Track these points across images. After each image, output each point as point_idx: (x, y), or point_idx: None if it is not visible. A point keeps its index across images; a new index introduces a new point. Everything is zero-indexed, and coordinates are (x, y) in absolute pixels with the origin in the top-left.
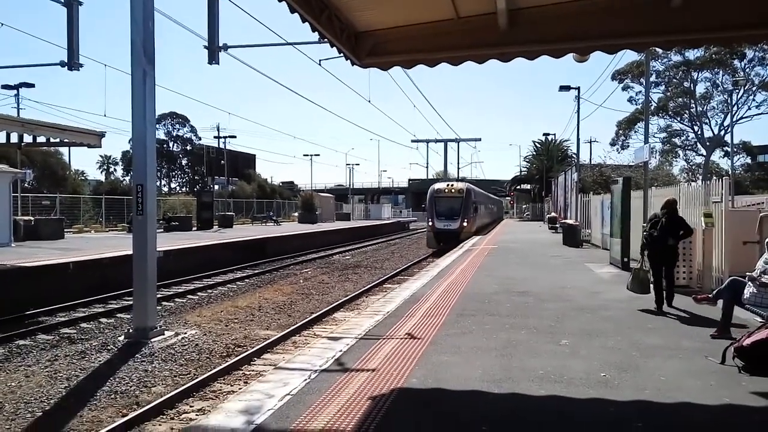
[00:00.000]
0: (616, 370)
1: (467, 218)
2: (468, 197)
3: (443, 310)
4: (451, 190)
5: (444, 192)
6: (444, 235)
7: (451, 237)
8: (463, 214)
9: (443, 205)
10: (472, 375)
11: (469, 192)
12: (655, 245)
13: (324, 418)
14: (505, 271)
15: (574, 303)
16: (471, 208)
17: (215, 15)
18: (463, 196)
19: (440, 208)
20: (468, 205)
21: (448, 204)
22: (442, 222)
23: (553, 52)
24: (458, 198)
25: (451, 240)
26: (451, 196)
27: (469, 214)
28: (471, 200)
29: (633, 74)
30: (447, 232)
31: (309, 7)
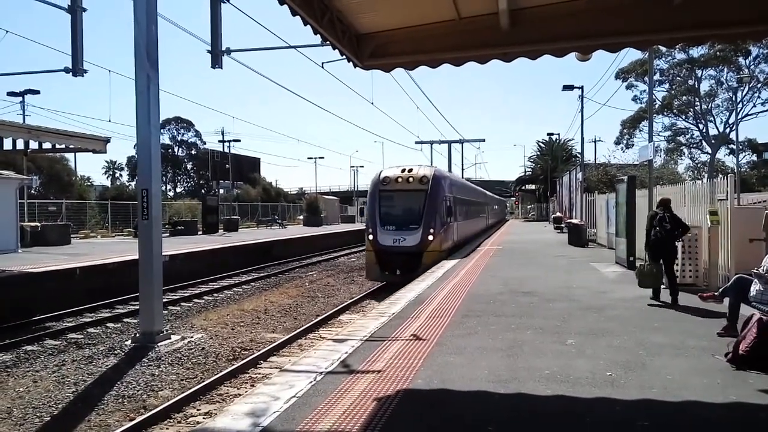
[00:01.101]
0: (623, 370)
1: (436, 227)
2: (437, 190)
3: (448, 311)
4: (408, 180)
5: (395, 183)
6: (394, 258)
7: (409, 261)
8: (427, 219)
9: (394, 206)
10: (478, 375)
11: (438, 182)
12: (657, 243)
13: (329, 420)
14: (510, 272)
15: (580, 303)
16: (443, 210)
17: (218, 19)
18: (427, 188)
19: (388, 210)
20: (437, 205)
21: (402, 203)
22: (390, 234)
23: (556, 52)
24: (419, 193)
25: (409, 265)
26: (407, 189)
27: (440, 219)
28: (442, 195)
29: (637, 73)
30: (399, 252)
31: (311, 10)
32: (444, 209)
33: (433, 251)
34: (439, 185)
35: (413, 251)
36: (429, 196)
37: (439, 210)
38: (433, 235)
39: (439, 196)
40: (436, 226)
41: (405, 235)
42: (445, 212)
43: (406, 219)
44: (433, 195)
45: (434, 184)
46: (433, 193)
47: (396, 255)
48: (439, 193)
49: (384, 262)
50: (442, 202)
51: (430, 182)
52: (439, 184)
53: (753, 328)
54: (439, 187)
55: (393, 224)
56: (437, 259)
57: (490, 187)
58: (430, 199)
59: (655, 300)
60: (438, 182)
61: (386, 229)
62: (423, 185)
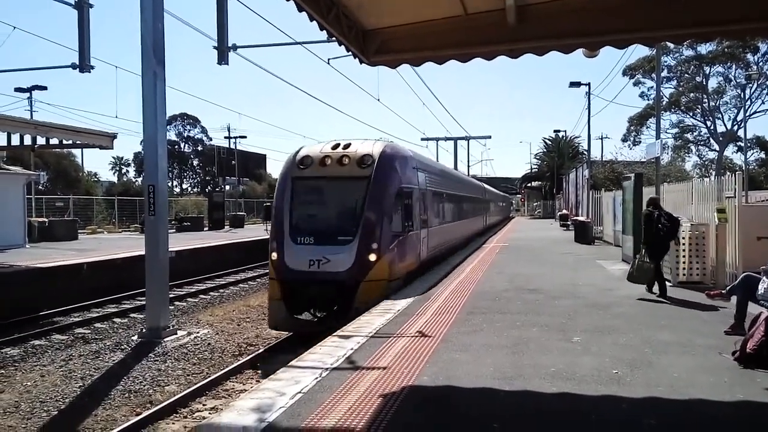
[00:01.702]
0: (629, 367)
1: (383, 239)
2: (387, 178)
3: (454, 308)
4: (340, 161)
5: (319, 166)
6: (312, 291)
7: (334, 296)
8: (368, 225)
9: (316, 204)
10: (483, 372)
11: (390, 165)
12: (659, 242)
13: (335, 416)
14: (516, 269)
15: (586, 300)
16: (398, 210)
17: (224, 15)
18: (370, 175)
19: (305, 211)
20: (386, 202)
21: (329, 199)
22: (305, 252)
23: (563, 48)
24: (358, 182)
25: (335, 303)
26: (338, 176)
27: (390, 225)
28: (397, 187)
29: (644, 69)
30: (320, 281)
31: (317, 6)
32: (401, 209)
33: (377, 281)
34: (391, 171)
35: (341, 280)
36: (373, 188)
37: (391, 210)
38: (377, 254)
39: (390, 188)
40: (382, 237)
41: (330, 253)
42: (402, 214)
43: (334, 226)
44: (381, 186)
45: (383, 169)
46: (381, 182)
47: (315, 287)
48: (391, 182)
49: (295, 297)
50: (398, 199)
51: (376, 165)
52: (391, 170)
53: (761, 326)
54: (391, 173)
55: (311, 234)
56: (383, 294)
57: (495, 184)
58: (374, 191)
59: (650, 293)
60: (390, 165)
61: (300, 244)
62: (364, 170)
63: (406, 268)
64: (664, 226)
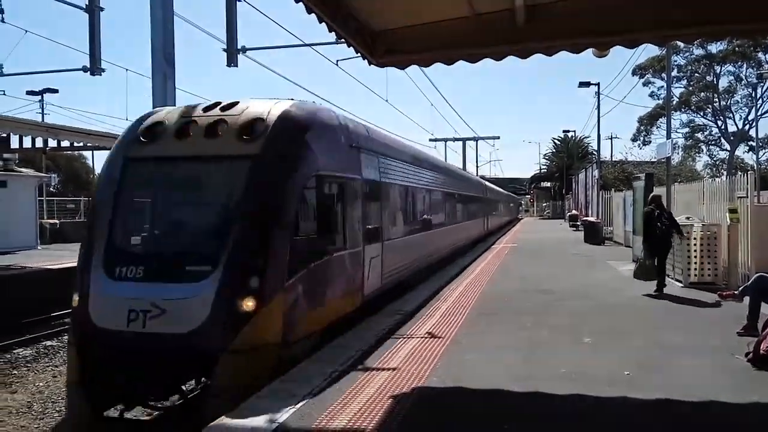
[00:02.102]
0: (641, 369)
1: (275, 266)
2: (289, 159)
3: (463, 309)
4: (211, 133)
5: (175, 139)
6: (133, 369)
7: (174, 374)
8: (239, 244)
9: (158, 207)
10: (494, 373)
11: (294, 134)
12: (660, 239)
13: (345, 417)
14: (525, 270)
15: (597, 301)
16: (312, 213)
17: (233, 18)
18: (256, 153)
19: (137, 221)
20: (282, 198)
21: (183, 198)
22: (126, 295)
23: (573, 47)
24: (236, 165)
25: (177, 387)
26: (199, 156)
27: (288, 242)
28: (306, 172)
29: (654, 69)
30: (146, 351)
31: (325, 8)
32: (320, 213)
33: (256, 350)
34: (298, 146)
35: (185, 349)
36: (260, 174)
37: (291, 214)
38: (258, 296)
39: (293, 176)
40: (272, 265)
41: (166, 296)
42: (323, 222)
43: (181, 246)
44: (276, 171)
45: (282, 143)
46: (277, 165)
47: (137, 360)
48: (298, 165)
49: (105, 378)
50: (312, 194)
51: (269, 135)
52: (298, 144)
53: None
54: (298, 149)
55: (140, 261)
56: (271, 371)
57: (504, 185)
58: (262, 181)
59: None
60: (295, 138)
61: (119, 279)
62: (248, 144)
63: (327, 317)
64: (663, 224)
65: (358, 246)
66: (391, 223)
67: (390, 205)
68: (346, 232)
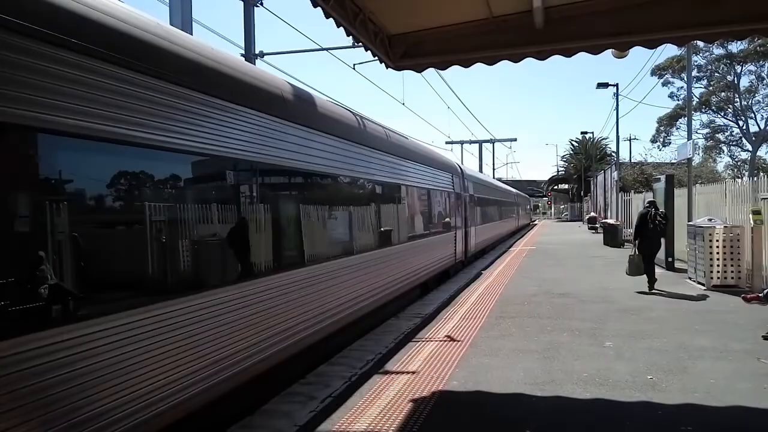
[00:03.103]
0: (663, 373)
1: None
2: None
3: (482, 312)
4: None
5: None
6: None
7: None
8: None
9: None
10: (514, 377)
11: (462, 175)
12: (654, 237)
13: (366, 420)
14: (544, 273)
15: (617, 304)
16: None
17: (251, 24)
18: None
19: None
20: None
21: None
22: None
23: (592, 49)
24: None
25: None
26: None
27: None
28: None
29: (673, 69)
30: None
31: (344, 12)
32: (467, 211)
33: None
34: (458, 181)
35: None
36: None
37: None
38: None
39: (468, 198)
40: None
41: None
42: (466, 216)
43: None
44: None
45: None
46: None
47: None
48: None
49: None
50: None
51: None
52: (461, 180)
53: None
54: (462, 183)
55: None
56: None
57: (521, 187)
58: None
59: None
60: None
61: None
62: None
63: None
64: (661, 223)
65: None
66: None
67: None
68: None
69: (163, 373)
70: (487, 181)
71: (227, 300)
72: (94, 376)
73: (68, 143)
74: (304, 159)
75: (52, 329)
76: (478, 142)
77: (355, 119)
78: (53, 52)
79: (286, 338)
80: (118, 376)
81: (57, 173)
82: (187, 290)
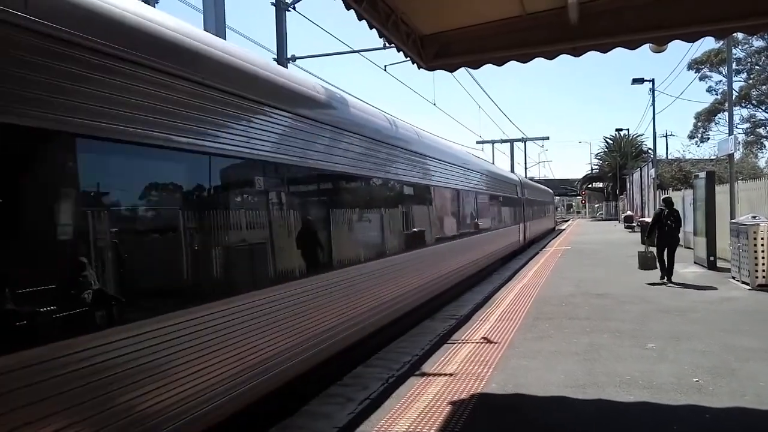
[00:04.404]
0: (710, 375)
1: None
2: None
3: (518, 313)
4: None
5: None
6: None
7: None
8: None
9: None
10: (554, 380)
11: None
12: (667, 235)
13: (405, 423)
14: (580, 273)
15: (658, 305)
16: None
17: (283, 28)
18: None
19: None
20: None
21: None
22: None
23: (629, 44)
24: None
25: None
26: None
27: None
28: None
29: (711, 63)
30: None
31: (376, 13)
32: (523, 210)
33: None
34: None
35: None
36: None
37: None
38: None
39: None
40: (525, 219)
41: None
42: (521, 213)
43: None
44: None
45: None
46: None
47: None
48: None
49: None
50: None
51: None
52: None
53: None
54: (522, 191)
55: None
56: None
57: (554, 186)
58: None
59: (663, 280)
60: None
61: None
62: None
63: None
64: (673, 222)
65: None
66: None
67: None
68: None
69: (209, 374)
70: (534, 185)
71: (274, 300)
72: (142, 377)
73: (129, 150)
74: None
75: (124, 325)
76: (509, 141)
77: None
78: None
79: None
80: (167, 378)
81: (121, 180)
82: (242, 289)
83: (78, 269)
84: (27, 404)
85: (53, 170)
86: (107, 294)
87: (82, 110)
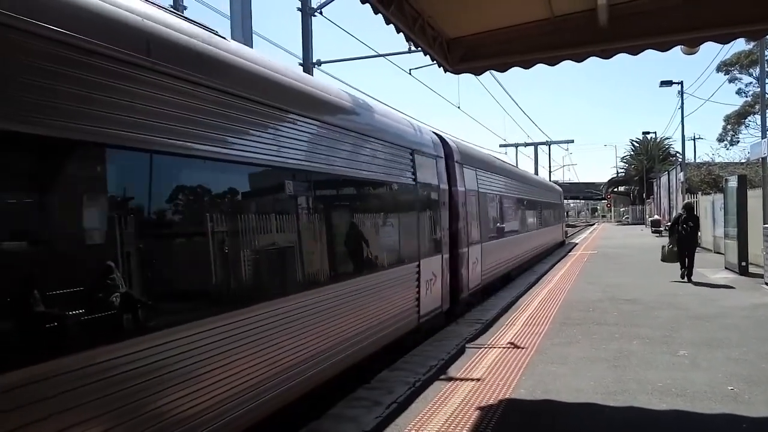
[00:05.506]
0: (745, 383)
1: None
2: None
3: (545, 318)
4: None
5: None
6: None
7: None
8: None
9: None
10: (584, 386)
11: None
12: (685, 238)
13: (432, 427)
14: (607, 278)
15: (689, 311)
16: None
17: (308, 33)
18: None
19: None
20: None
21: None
22: None
23: (659, 46)
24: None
25: None
26: None
27: None
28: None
29: (741, 65)
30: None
31: (403, 18)
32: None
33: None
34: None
35: None
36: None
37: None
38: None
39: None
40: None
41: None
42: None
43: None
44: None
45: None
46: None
47: None
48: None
49: None
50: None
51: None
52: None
53: None
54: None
55: None
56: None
57: (579, 190)
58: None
59: (683, 279)
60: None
61: None
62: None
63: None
64: (689, 226)
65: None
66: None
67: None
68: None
69: (241, 379)
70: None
71: (304, 306)
72: (175, 382)
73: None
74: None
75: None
76: (533, 144)
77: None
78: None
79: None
80: (205, 381)
81: (168, 189)
82: (274, 295)
83: (135, 280)
84: (75, 406)
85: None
86: (151, 303)
87: (113, 120)
